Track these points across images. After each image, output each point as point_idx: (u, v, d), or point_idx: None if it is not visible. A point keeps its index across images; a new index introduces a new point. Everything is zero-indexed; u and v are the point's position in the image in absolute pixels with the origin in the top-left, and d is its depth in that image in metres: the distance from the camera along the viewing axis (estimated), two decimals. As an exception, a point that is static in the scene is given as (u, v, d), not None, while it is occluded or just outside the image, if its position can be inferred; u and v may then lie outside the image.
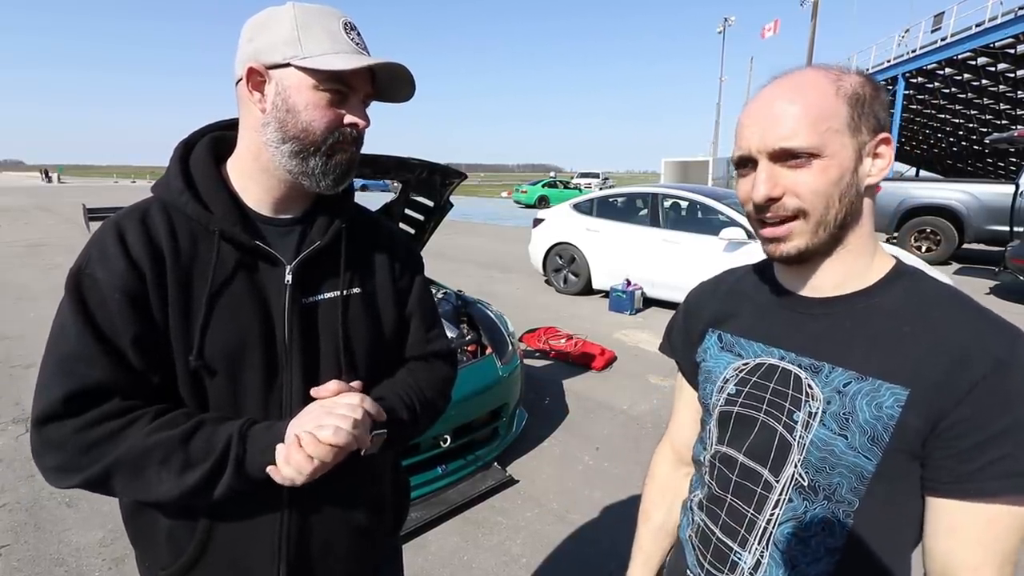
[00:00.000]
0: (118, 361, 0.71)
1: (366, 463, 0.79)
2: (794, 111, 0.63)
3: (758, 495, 0.71)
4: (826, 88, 0.63)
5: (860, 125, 0.63)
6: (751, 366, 0.74)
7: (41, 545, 2.33)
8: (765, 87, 0.68)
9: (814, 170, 0.63)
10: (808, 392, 0.67)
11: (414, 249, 1.00)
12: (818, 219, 0.65)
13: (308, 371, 0.81)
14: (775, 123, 0.64)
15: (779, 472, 0.69)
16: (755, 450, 0.71)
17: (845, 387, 0.64)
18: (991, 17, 13.34)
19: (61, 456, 0.69)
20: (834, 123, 0.62)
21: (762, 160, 0.66)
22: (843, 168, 0.63)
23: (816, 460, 0.65)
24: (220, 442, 0.70)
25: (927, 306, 0.65)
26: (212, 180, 0.79)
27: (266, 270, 0.80)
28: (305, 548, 0.83)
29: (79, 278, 0.72)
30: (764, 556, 0.70)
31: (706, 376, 0.81)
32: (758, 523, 0.71)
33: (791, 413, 0.68)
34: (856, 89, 0.64)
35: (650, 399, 3.93)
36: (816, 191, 0.63)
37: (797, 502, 0.67)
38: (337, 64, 0.73)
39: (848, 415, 0.63)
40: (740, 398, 0.74)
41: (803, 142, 0.62)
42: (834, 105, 0.63)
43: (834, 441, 0.64)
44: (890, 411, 0.61)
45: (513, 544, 2.37)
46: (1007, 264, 6.60)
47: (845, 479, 0.64)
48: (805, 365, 0.69)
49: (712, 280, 0.90)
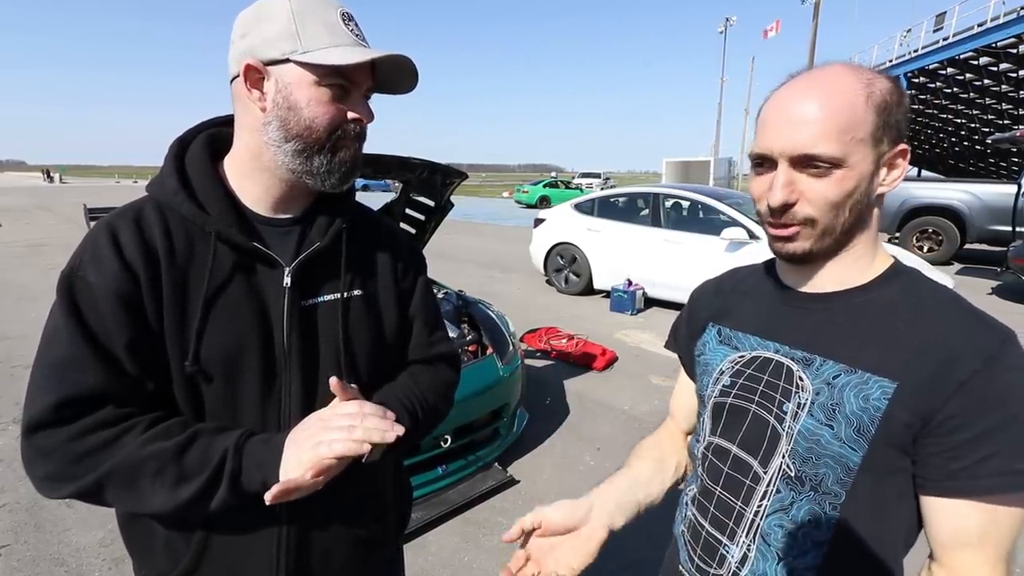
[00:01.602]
0: (111, 367, 0.68)
1: (367, 472, 0.76)
2: (822, 117, 0.60)
3: (746, 487, 0.71)
4: (857, 94, 0.61)
5: (883, 136, 0.63)
6: (747, 359, 0.75)
7: (41, 545, 2.33)
8: (793, 83, 0.65)
9: (832, 180, 0.62)
10: (799, 384, 0.68)
11: (417, 249, 0.98)
12: (825, 227, 0.65)
13: (307, 376, 0.79)
14: (801, 127, 0.61)
15: (768, 463, 0.69)
16: (747, 441, 0.72)
17: (835, 379, 0.65)
18: (993, 17, 13.31)
19: (52, 465, 0.67)
20: (859, 133, 0.61)
21: (782, 163, 0.64)
22: (860, 179, 0.63)
23: (803, 450, 0.66)
24: (215, 455, 0.68)
25: (922, 304, 0.65)
26: (208, 179, 0.77)
27: (264, 272, 0.78)
28: (305, 558, 0.81)
29: (71, 280, 0.69)
30: (751, 549, 0.70)
31: (703, 368, 0.82)
32: (746, 515, 0.71)
33: (781, 404, 0.69)
34: (885, 97, 0.62)
35: (651, 399, 3.92)
36: (830, 201, 0.63)
37: (784, 493, 0.68)
38: (339, 58, 0.71)
39: (835, 406, 0.64)
40: (734, 390, 0.75)
41: (828, 151, 0.61)
42: (863, 114, 0.61)
43: (820, 431, 0.64)
44: (877, 403, 0.61)
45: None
46: (1009, 264, 6.59)
47: (831, 470, 0.64)
48: (798, 358, 0.69)
49: (716, 278, 0.91)
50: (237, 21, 0.75)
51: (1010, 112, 16.06)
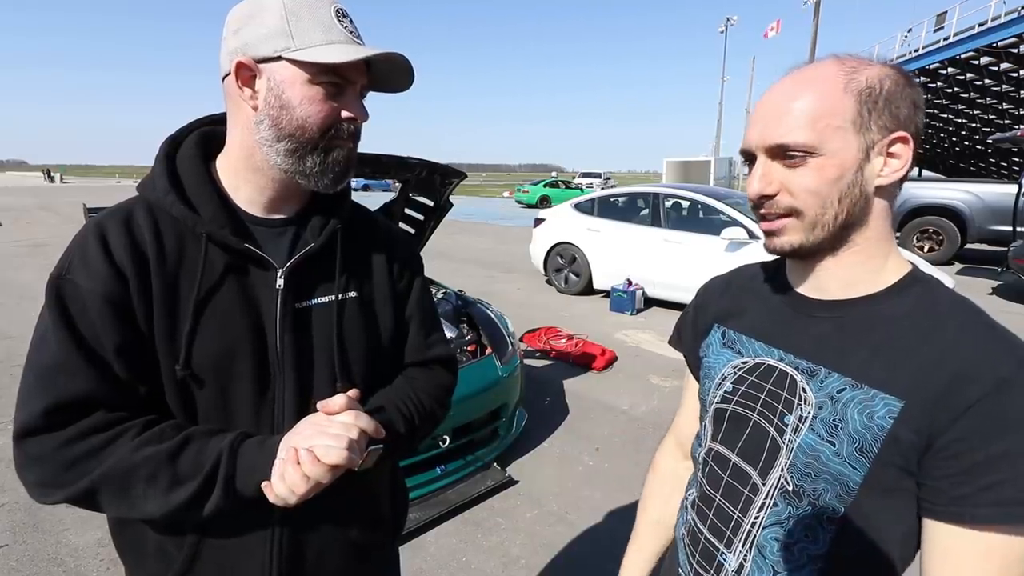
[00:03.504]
0: (101, 371, 0.67)
1: (362, 478, 0.74)
2: (794, 106, 0.61)
3: (744, 497, 0.70)
4: (835, 82, 0.61)
5: (870, 122, 0.60)
6: (750, 365, 0.73)
7: (39, 545, 2.33)
8: (779, 79, 0.65)
9: (809, 169, 0.61)
10: (801, 395, 0.65)
11: (413, 249, 0.96)
12: (813, 219, 0.63)
13: (301, 380, 0.77)
14: (774, 118, 0.62)
15: (766, 475, 0.68)
16: (747, 451, 0.70)
17: (839, 393, 0.62)
18: (994, 16, 13.29)
19: (43, 471, 0.66)
20: (835, 120, 0.60)
21: (760, 155, 0.65)
22: (843, 167, 0.61)
23: (802, 465, 0.64)
24: (209, 459, 0.67)
25: (935, 317, 0.61)
26: (199, 179, 0.75)
27: (257, 274, 0.76)
28: (298, 561, 0.80)
29: (59, 284, 0.68)
30: (747, 560, 0.69)
31: (706, 372, 0.80)
32: (743, 525, 0.70)
33: (782, 415, 0.67)
34: (871, 83, 0.60)
35: (651, 400, 3.90)
36: (810, 190, 0.62)
37: (782, 507, 0.66)
38: (333, 56, 0.69)
39: (838, 422, 0.61)
40: (735, 396, 0.73)
41: (797, 138, 0.60)
42: (839, 100, 0.60)
43: (821, 447, 0.62)
44: (881, 422, 0.59)
45: (512, 545, 2.36)
46: (1010, 264, 6.59)
47: (830, 486, 0.62)
48: (802, 368, 0.67)
49: (725, 276, 0.89)
50: (229, 17, 0.73)
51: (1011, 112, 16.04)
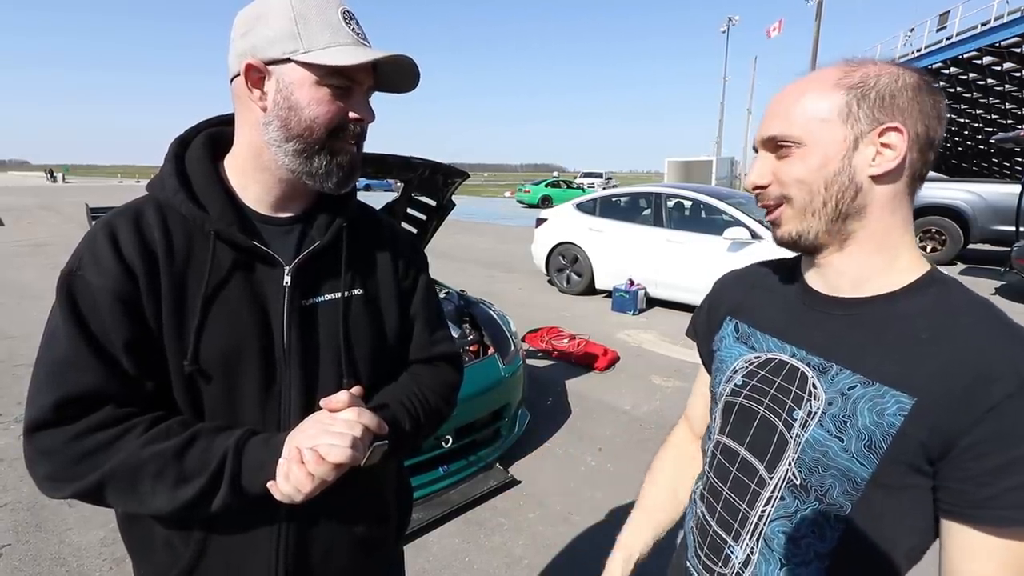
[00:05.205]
0: (111, 367, 0.68)
1: (368, 474, 0.76)
2: (789, 103, 0.66)
3: (752, 490, 0.71)
4: (829, 79, 0.64)
5: (858, 113, 0.62)
6: (762, 360, 0.74)
7: (42, 545, 2.33)
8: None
9: (795, 158, 0.65)
10: (811, 391, 0.66)
11: (418, 248, 0.98)
12: (802, 205, 0.66)
13: (308, 376, 0.78)
14: (771, 115, 0.68)
15: (774, 469, 0.68)
16: (755, 445, 0.71)
17: (850, 390, 0.63)
18: (996, 16, 13.26)
19: (53, 465, 0.67)
20: (822, 112, 0.63)
21: (761, 150, 0.70)
22: (826, 155, 0.63)
23: (809, 460, 0.65)
24: (215, 456, 0.68)
25: (953, 316, 0.61)
26: (208, 178, 0.77)
27: (264, 271, 0.77)
28: (304, 558, 0.81)
29: (70, 280, 0.69)
30: (754, 552, 0.70)
31: (718, 365, 0.82)
32: (750, 518, 0.71)
33: (791, 411, 0.67)
34: (865, 79, 0.62)
35: (653, 400, 3.90)
36: (796, 178, 0.66)
37: (789, 501, 0.67)
38: (341, 59, 0.71)
39: (847, 418, 0.62)
40: (745, 390, 0.74)
41: (783, 131, 0.65)
42: (828, 94, 0.63)
43: (829, 443, 0.63)
44: (891, 419, 0.59)
45: (515, 545, 2.36)
46: (1013, 264, 6.56)
47: (837, 482, 0.62)
48: (814, 364, 0.68)
49: (742, 269, 0.91)
50: (237, 19, 0.74)
51: (1013, 112, 15.99)
